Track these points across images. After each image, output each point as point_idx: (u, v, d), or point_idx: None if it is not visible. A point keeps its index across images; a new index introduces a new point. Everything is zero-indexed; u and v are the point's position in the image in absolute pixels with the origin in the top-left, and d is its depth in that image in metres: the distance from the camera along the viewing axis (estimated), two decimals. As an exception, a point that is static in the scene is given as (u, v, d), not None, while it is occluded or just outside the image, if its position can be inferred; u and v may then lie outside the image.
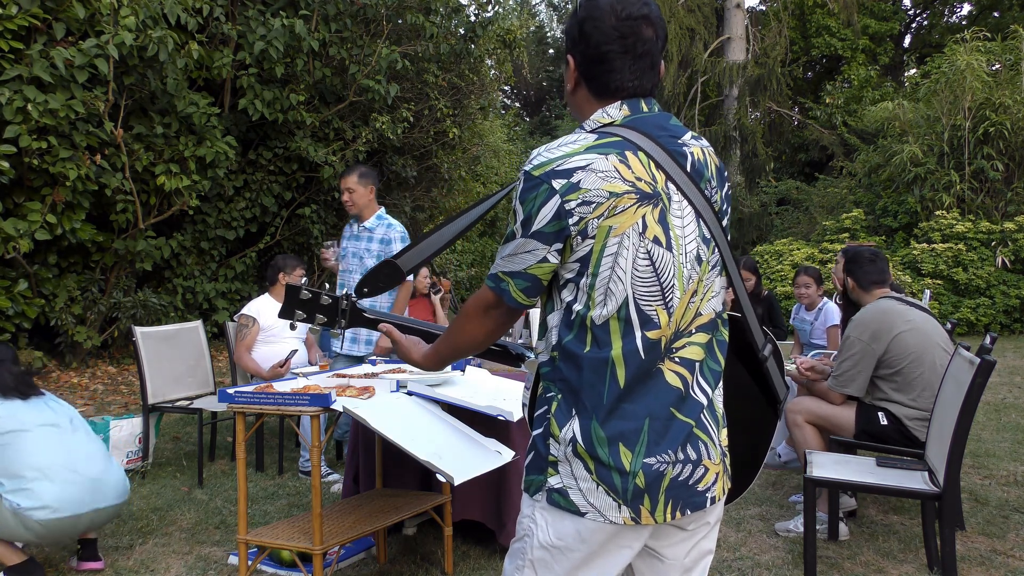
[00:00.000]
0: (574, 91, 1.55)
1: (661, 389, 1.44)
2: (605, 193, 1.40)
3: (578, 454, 1.43)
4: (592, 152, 1.42)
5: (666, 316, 1.44)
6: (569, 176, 1.40)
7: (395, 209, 11.52)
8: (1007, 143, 12.32)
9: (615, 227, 1.40)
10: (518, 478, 3.43)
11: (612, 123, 1.49)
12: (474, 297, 1.54)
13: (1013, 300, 11.43)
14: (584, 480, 1.43)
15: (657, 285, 1.44)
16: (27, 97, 6.43)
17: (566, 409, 1.45)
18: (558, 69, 32.30)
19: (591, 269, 1.41)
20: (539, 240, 1.42)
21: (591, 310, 1.42)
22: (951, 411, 3.21)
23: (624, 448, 1.42)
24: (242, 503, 3.05)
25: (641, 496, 1.43)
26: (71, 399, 6.99)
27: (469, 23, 10.63)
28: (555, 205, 1.40)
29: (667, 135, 1.49)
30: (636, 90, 1.50)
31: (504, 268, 1.47)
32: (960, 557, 3.40)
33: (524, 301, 1.47)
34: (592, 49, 1.48)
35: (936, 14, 22.93)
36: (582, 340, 1.44)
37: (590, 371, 1.43)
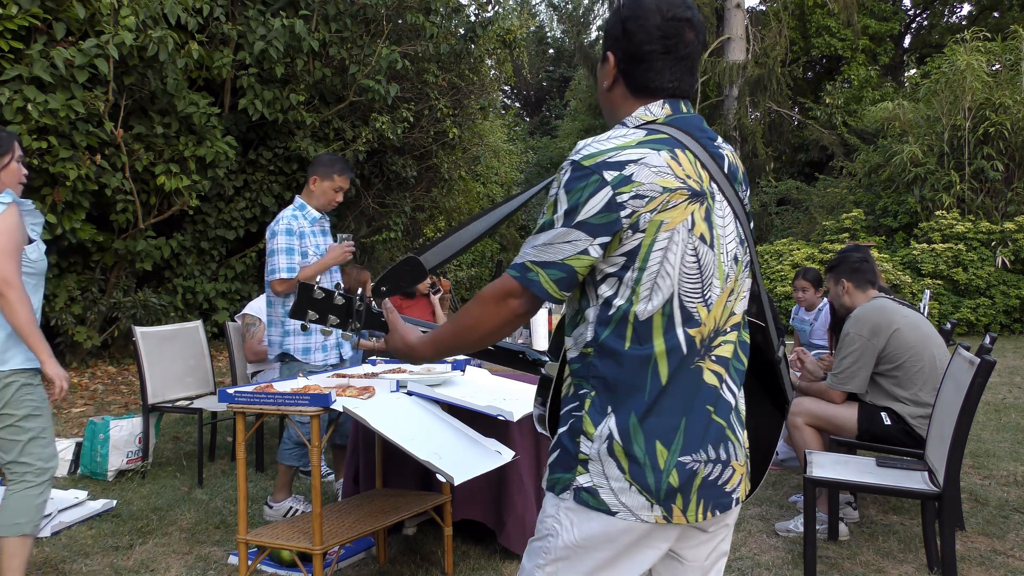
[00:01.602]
0: (611, 88, 1.55)
1: (699, 387, 1.44)
2: (659, 188, 1.39)
3: (613, 452, 1.41)
4: (644, 147, 1.41)
5: (706, 313, 1.44)
6: (621, 168, 1.38)
7: (395, 209, 11.53)
8: (1007, 143, 12.32)
9: (666, 222, 1.39)
10: (518, 478, 3.43)
11: (654, 121, 1.49)
12: (491, 285, 1.48)
13: (1013, 300, 11.43)
14: (616, 479, 1.41)
15: (700, 283, 1.43)
16: (27, 97, 6.43)
17: (600, 406, 1.43)
18: (558, 69, 32.28)
19: (638, 263, 1.39)
20: (583, 231, 1.38)
21: (634, 305, 1.41)
22: (951, 411, 3.21)
23: (660, 446, 1.41)
24: (242, 503, 3.05)
25: (674, 495, 1.42)
26: (71, 399, 6.99)
27: (469, 23, 10.63)
28: (606, 197, 1.37)
29: (705, 136, 1.50)
30: (675, 91, 1.51)
31: (535, 258, 1.42)
32: (960, 557, 3.40)
33: (554, 293, 1.41)
34: (635, 48, 1.48)
35: (936, 14, 22.93)
36: (621, 336, 1.42)
37: (631, 367, 1.41)
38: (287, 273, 3.90)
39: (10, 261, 2.82)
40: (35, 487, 2.95)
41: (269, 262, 3.96)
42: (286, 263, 3.92)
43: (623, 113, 1.53)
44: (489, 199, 18.06)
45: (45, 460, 2.98)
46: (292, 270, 3.92)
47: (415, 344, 1.65)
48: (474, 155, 13.71)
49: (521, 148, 22.39)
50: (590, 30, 31.72)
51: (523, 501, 3.45)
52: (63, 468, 4.85)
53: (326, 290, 1.67)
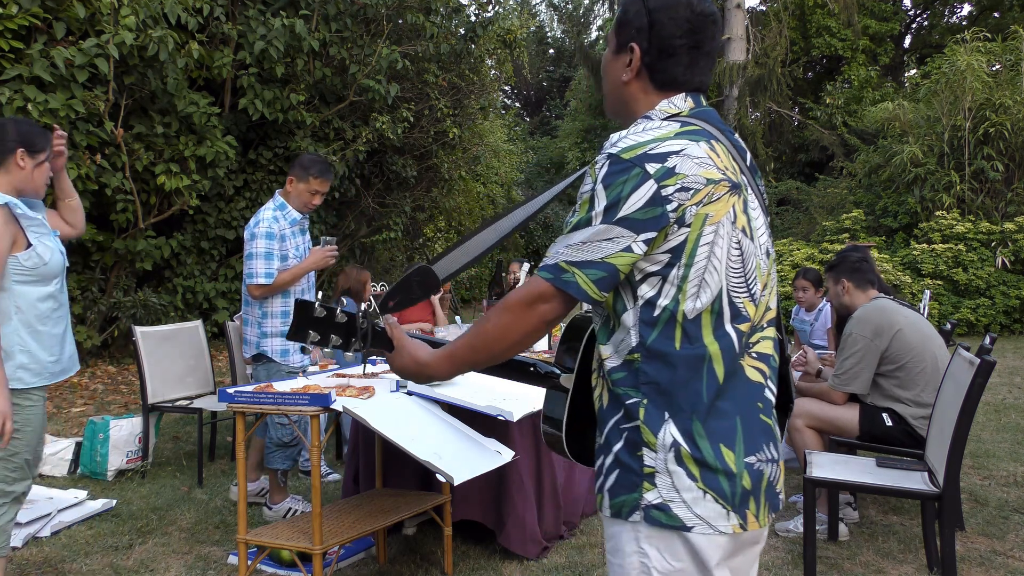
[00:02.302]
0: (629, 82, 1.48)
1: (746, 385, 1.38)
2: (703, 179, 1.33)
3: (681, 461, 1.32)
4: (683, 138, 1.35)
5: (753, 308, 1.39)
6: (663, 160, 1.32)
7: (395, 209, 11.52)
8: (1007, 144, 12.32)
9: (711, 215, 1.33)
10: (518, 478, 3.43)
11: (679, 114, 1.44)
12: (517, 290, 1.38)
13: (1013, 301, 11.43)
14: (688, 490, 1.32)
15: (744, 277, 1.38)
16: (27, 97, 6.43)
17: (657, 413, 1.34)
18: (558, 69, 32.28)
19: (684, 260, 1.32)
20: (625, 227, 1.31)
21: (681, 304, 1.33)
22: (951, 411, 3.21)
23: (725, 448, 1.33)
24: (242, 503, 3.05)
25: (747, 499, 1.34)
26: (71, 398, 6.99)
27: (469, 23, 10.64)
28: (650, 190, 1.30)
29: (728, 130, 1.47)
30: (698, 86, 1.47)
31: (571, 257, 1.33)
32: (960, 557, 3.40)
33: (594, 294, 1.32)
34: (663, 40, 1.43)
35: (936, 14, 22.93)
36: (670, 337, 1.34)
37: (685, 369, 1.33)
38: (265, 279, 3.87)
39: None
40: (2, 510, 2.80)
41: (247, 265, 3.90)
42: (264, 268, 3.88)
43: (641, 107, 1.48)
44: (489, 199, 18.06)
45: (8, 483, 2.81)
46: (271, 275, 3.88)
47: (427, 361, 1.49)
48: (474, 155, 13.71)
49: (521, 148, 22.39)
50: (590, 30, 31.72)
51: (523, 501, 3.45)
52: (63, 468, 4.85)
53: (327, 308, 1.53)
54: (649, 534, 1.34)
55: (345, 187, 10.43)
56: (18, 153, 2.79)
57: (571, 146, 25.15)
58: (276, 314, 3.98)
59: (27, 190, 2.84)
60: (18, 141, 2.79)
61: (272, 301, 3.96)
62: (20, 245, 2.80)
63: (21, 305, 2.81)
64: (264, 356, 3.97)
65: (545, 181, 26.04)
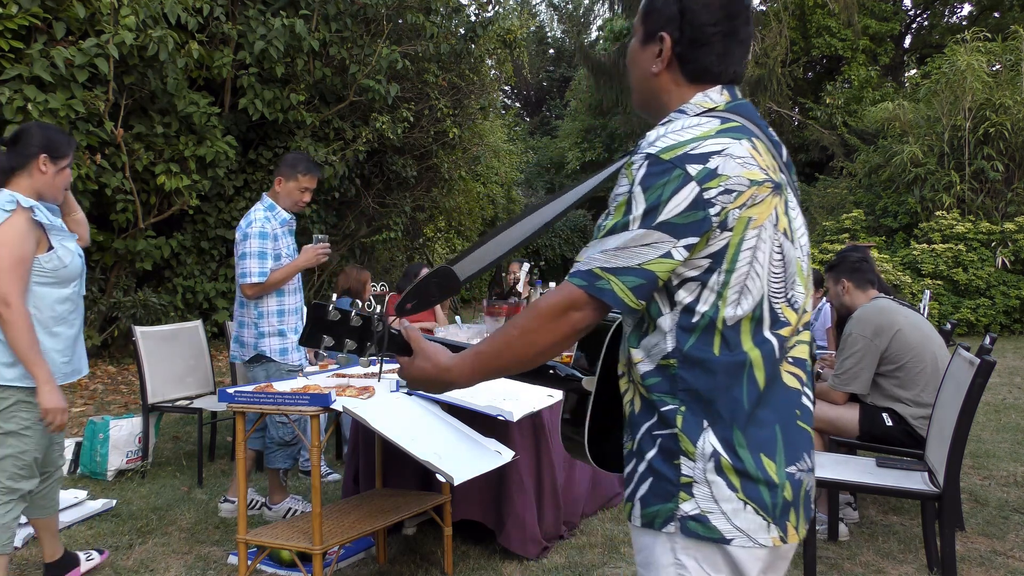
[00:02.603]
0: (659, 74, 1.40)
1: (784, 392, 1.32)
2: (746, 181, 1.26)
3: (721, 470, 1.27)
4: (724, 136, 1.28)
5: (792, 314, 1.33)
6: (705, 161, 1.25)
7: (395, 209, 11.52)
8: (1007, 144, 12.33)
9: (754, 218, 1.27)
10: (518, 478, 3.43)
11: (715, 108, 1.36)
12: (547, 296, 1.31)
13: (1013, 301, 11.43)
14: (728, 501, 1.27)
15: (784, 281, 1.32)
16: (27, 96, 6.43)
17: (695, 421, 1.29)
18: (558, 69, 32.28)
19: (726, 265, 1.27)
20: (665, 232, 1.24)
21: (721, 311, 1.27)
22: (951, 411, 3.21)
23: (766, 458, 1.28)
24: (242, 503, 3.05)
25: (788, 511, 1.30)
26: (71, 398, 6.99)
27: (469, 23, 10.64)
28: (691, 193, 1.24)
29: (764, 124, 1.40)
30: (733, 77, 1.40)
31: (607, 263, 1.26)
32: (960, 558, 3.40)
33: (631, 303, 1.26)
34: (696, 29, 1.36)
35: (936, 14, 22.93)
36: (708, 343, 1.28)
37: (725, 375, 1.28)
38: (259, 278, 3.87)
39: (9, 277, 2.71)
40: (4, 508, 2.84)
41: (240, 265, 3.89)
42: (258, 267, 3.87)
43: (673, 100, 1.40)
44: (489, 199, 18.06)
45: (15, 480, 2.85)
46: (264, 274, 3.89)
47: (448, 366, 1.40)
48: (474, 155, 13.71)
49: (521, 148, 22.39)
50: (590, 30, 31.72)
51: (523, 501, 3.45)
52: (62, 468, 4.85)
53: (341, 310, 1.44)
54: (686, 545, 1.29)
55: (345, 187, 10.43)
56: (41, 159, 2.86)
57: (571, 146, 25.16)
58: (272, 313, 3.98)
59: (47, 195, 2.92)
60: (41, 146, 2.87)
61: (267, 300, 3.96)
62: (42, 247, 2.87)
63: (39, 306, 2.87)
64: (263, 356, 3.96)
65: (545, 181, 26.06)
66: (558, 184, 26.03)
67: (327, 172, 9.49)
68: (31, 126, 2.95)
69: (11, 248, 2.73)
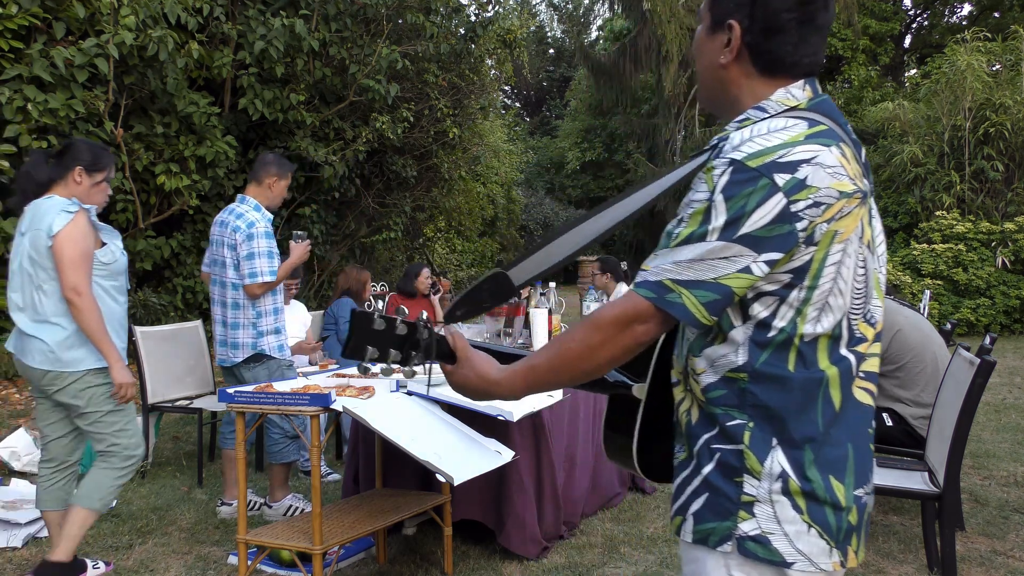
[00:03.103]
0: (728, 65, 1.30)
1: (858, 409, 1.25)
2: (835, 193, 1.17)
3: (789, 492, 1.20)
4: (813, 142, 1.18)
5: (869, 330, 1.26)
6: (793, 170, 1.16)
7: (395, 209, 11.52)
8: (1007, 144, 12.33)
9: (840, 232, 1.19)
10: (518, 478, 3.43)
11: (797, 107, 1.26)
12: (610, 307, 1.23)
13: (1013, 300, 11.43)
14: (791, 523, 1.20)
15: (864, 296, 1.24)
16: (27, 96, 6.42)
17: (764, 439, 1.21)
18: (558, 69, 32.28)
19: (808, 282, 1.19)
20: (746, 245, 1.15)
21: (800, 328, 1.20)
22: (951, 411, 3.21)
23: (835, 480, 1.22)
24: (242, 502, 3.05)
25: (851, 535, 1.23)
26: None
27: (469, 23, 10.63)
28: (777, 205, 1.15)
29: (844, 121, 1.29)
30: (811, 67, 1.28)
31: (678, 276, 1.18)
32: (960, 558, 3.40)
33: (703, 319, 1.19)
34: (769, 15, 1.25)
35: (936, 14, 22.94)
36: (783, 359, 1.21)
37: (800, 393, 1.21)
38: (271, 276, 3.93)
39: (79, 270, 3.03)
40: (119, 470, 3.22)
41: (249, 264, 3.91)
42: (268, 266, 3.93)
43: (745, 95, 1.30)
44: (489, 199, 18.07)
45: (131, 448, 3.25)
46: (274, 272, 3.95)
47: (498, 379, 1.32)
48: (474, 155, 13.72)
49: (521, 148, 22.40)
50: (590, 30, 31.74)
51: (523, 501, 3.45)
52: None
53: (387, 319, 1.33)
54: (741, 564, 1.22)
55: (345, 187, 10.43)
56: (76, 170, 3.14)
57: (571, 146, 25.17)
58: (268, 312, 4.03)
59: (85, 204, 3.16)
60: (79, 159, 3.15)
61: (264, 300, 4.01)
62: (97, 244, 3.19)
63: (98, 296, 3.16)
64: (263, 355, 3.98)
65: (545, 181, 26.05)
66: (558, 184, 26.05)
67: (327, 172, 9.49)
68: (75, 141, 3.23)
69: (78, 244, 3.06)
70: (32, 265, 3.08)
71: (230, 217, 4.01)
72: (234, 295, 3.99)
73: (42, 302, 3.09)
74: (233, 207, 4.07)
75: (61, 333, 3.10)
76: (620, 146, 23.92)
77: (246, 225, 3.95)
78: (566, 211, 23.38)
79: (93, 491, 3.17)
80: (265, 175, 4.08)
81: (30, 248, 3.07)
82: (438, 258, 15.66)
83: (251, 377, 3.99)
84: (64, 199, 3.10)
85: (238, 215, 4.00)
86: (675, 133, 19.09)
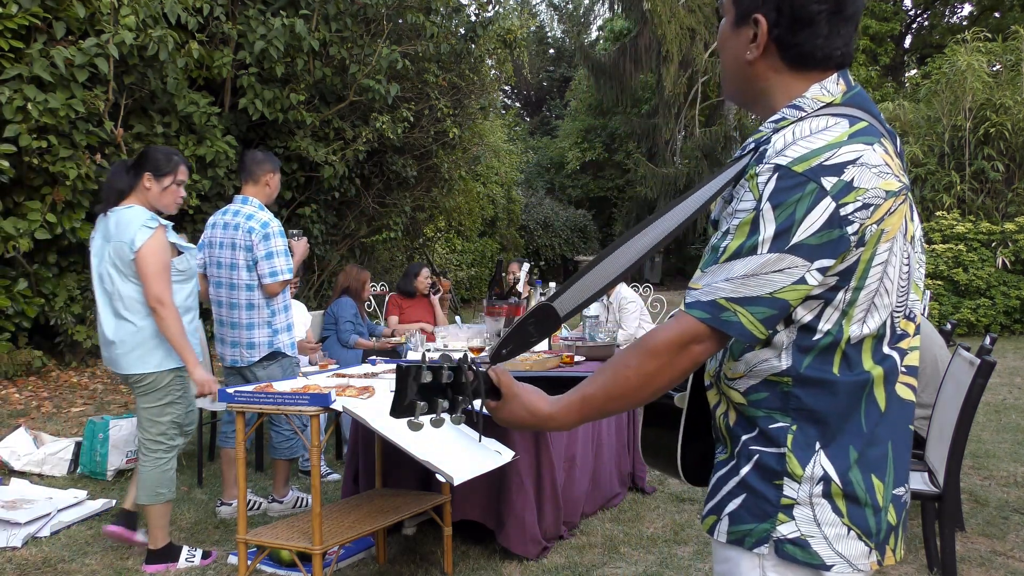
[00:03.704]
0: (755, 61, 1.26)
1: (900, 406, 1.23)
2: (882, 193, 1.14)
3: (830, 495, 1.19)
4: (857, 141, 1.15)
5: (910, 325, 1.24)
6: (840, 173, 1.12)
7: (395, 209, 11.52)
8: (1008, 144, 12.33)
9: (887, 231, 1.16)
10: (518, 478, 3.43)
11: (833, 102, 1.23)
12: (664, 330, 1.18)
13: (1013, 301, 11.43)
14: (832, 526, 1.19)
15: (906, 294, 1.22)
16: (27, 96, 6.42)
17: (806, 443, 1.19)
18: (558, 69, 32.28)
19: (854, 283, 1.16)
20: (799, 255, 1.12)
21: (846, 330, 1.17)
22: (951, 412, 3.21)
23: (876, 480, 1.20)
24: (242, 502, 3.05)
25: (890, 535, 1.22)
26: (71, 398, 6.99)
27: (469, 23, 10.63)
28: (827, 210, 1.11)
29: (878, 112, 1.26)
30: (843, 60, 1.24)
31: (733, 294, 1.14)
32: (960, 558, 3.40)
33: (760, 335, 1.15)
34: (797, 8, 1.20)
35: (937, 14, 22.94)
36: (828, 362, 1.19)
37: (846, 396, 1.19)
38: (290, 274, 4.04)
39: (161, 281, 3.32)
40: (165, 461, 3.48)
41: (268, 264, 3.93)
42: (286, 264, 4.00)
43: (775, 90, 1.26)
44: (489, 199, 18.06)
45: (173, 439, 3.52)
46: (291, 270, 4.05)
47: (550, 413, 1.27)
48: (474, 155, 13.71)
49: (521, 148, 22.39)
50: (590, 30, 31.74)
51: (523, 501, 3.45)
52: (62, 468, 4.85)
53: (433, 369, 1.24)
54: (777, 565, 1.21)
55: (345, 187, 10.43)
56: (145, 177, 3.43)
57: (571, 146, 25.16)
58: (280, 310, 4.10)
59: (157, 207, 3.49)
60: (145, 166, 3.43)
61: (276, 298, 4.05)
62: (173, 252, 3.46)
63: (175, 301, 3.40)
64: (279, 353, 4.06)
65: (545, 181, 26.04)
66: (558, 184, 26.04)
67: (327, 172, 9.49)
68: (147, 149, 3.54)
69: (160, 257, 3.34)
70: (115, 270, 3.39)
71: (237, 219, 3.99)
72: (248, 296, 3.98)
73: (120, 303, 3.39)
74: (237, 208, 4.05)
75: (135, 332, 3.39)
76: (620, 146, 23.92)
77: (260, 225, 3.96)
78: (566, 211, 23.37)
79: (158, 487, 3.46)
80: (261, 172, 4.10)
81: (114, 256, 3.38)
82: (438, 258, 15.66)
83: (265, 376, 4.02)
84: (144, 213, 3.39)
85: (247, 216, 3.99)
86: (675, 133, 19.10)
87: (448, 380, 1.26)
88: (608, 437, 4.21)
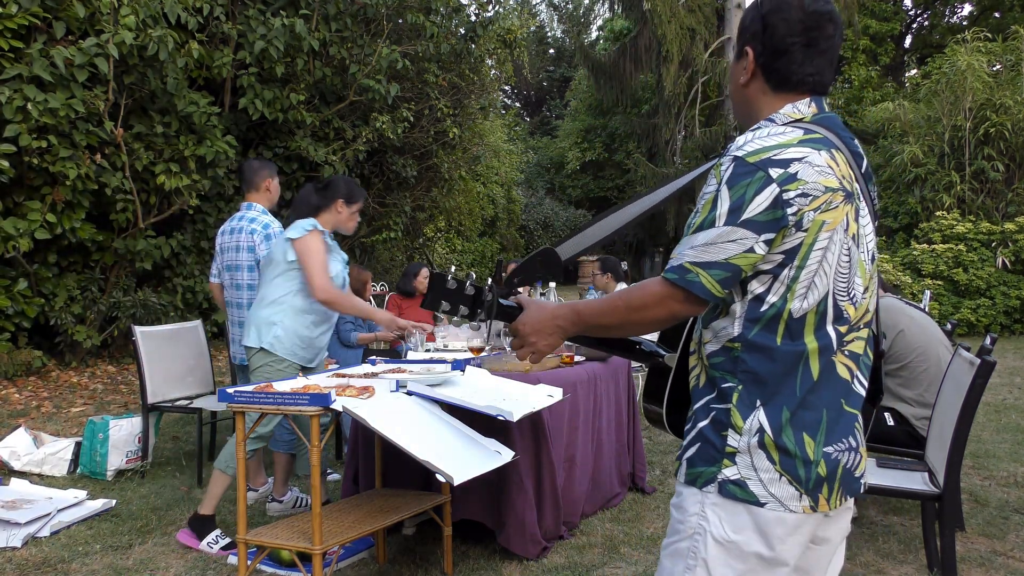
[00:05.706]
0: (747, 84, 1.56)
1: (835, 381, 1.46)
2: (821, 187, 1.41)
3: (764, 445, 1.43)
4: (805, 146, 1.43)
5: (853, 310, 1.47)
6: (786, 166, 1.40)
7: (395, 209, 11.52)
8: (1008, 144, 12.33)
9: (828, 223, 1.42)
10: (518, 478, 3.43)
11: (802, 119, 1.50)
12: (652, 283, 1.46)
13: (1013, 301, 11.43)
14: (766, 471, 1.43)
15: (848, 281, 1.46)
16: (27, 96, 6.42)
17: (749, 400, 1.45)
18: (558, 69, 32.28)
19: (797, 263, 1.41)
20: (748, 228, 1.39)
21: (789, 303, 1.42)
22: (951, 412, 3.21)
23: (808, 437, 1.43)
24: (242, 503, 3.04)
25: (821, 485, 1.44)
26: (71, 398, 6.99)
27: (469, 23, 10.63)
28: (772, 193, 1.39)
29: (847, 135, 1.53)
30: (816, 85, 1.52)
31: (695, 259, 1.41)
32: (960, 558, 3.40)
33: (717, 292, 1.41)
34: (776, 41, 1.50)
35: (937, 14, 22.94)
36: (773, 332, 1.43)
37: (783, 363, 1.43)
38: None
39: (325, 275, 3.65)
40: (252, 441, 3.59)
41: None
42: None
43: (763, 109, 1.55)
44: (489, 199, 18.07)
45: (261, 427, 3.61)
46: None
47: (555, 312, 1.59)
48: (474, 155, 13.71)
49: (521, 148, 22.41)
50: (590, 30, 31.73)
51: (523, 501, 3.45)
52: (62, 468, 4.85)
53: (458, 279, 1.67)
54: (715, 502, 1.45)
55: (345, 187, 10.44)
56: (339, 202, 3.83)
57: (571, 146, 25.16)
58: None
59: (340, 229, 3.89)
60: (340, 194, 3.83)
61: None
62: None
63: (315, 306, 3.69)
64: None
65: (545, 181, 26.05)
66: (558, 184, 26.05)
67: (327, 172, 9.49)
68: (337, 179, 3.92)
69: (319, 251, 3.66)
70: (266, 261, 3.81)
71: (242, 223, 4.29)
72: (250, 295, 4.22)
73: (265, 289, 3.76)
74: (243, 215, 4.34)
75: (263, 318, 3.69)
76: (620, 146, 23.92)
77: (262, 227, 4.27)
78: (566, 211, 23.38)
79: (232, 459, 3.62)
80: (259, 179, 4.39)
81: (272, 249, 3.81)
82: (438, 258, 15.67)
83: None
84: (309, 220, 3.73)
85: (251, 219, 4.29)
86: (675, 133, 19.09)
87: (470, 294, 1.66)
88: (608, 437, 4.21)
